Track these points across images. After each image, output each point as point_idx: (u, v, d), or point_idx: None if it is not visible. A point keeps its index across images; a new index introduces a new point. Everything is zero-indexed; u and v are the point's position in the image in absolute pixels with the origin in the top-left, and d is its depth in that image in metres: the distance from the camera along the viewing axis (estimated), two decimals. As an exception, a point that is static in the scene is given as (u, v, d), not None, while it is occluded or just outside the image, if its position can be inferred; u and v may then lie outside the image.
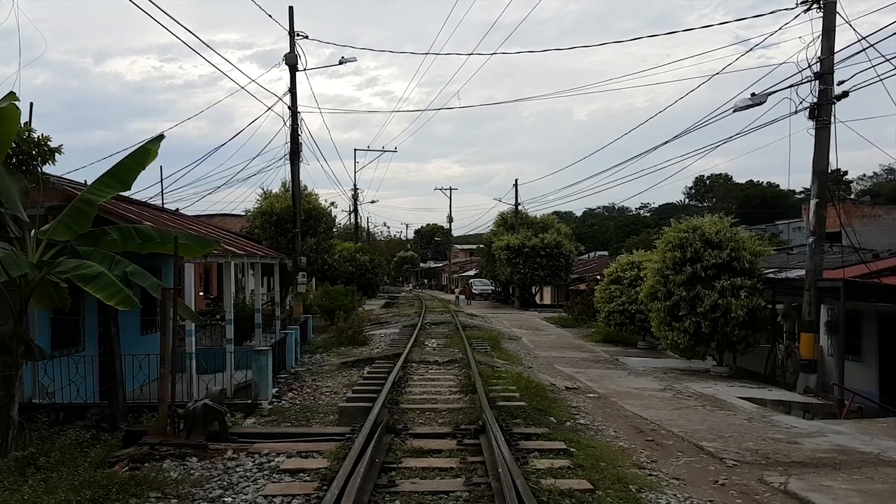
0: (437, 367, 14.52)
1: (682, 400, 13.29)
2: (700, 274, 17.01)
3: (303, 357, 18.18)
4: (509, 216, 52.59)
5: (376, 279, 44.21)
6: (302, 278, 25.28)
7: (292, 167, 25.06)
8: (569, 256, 47.21)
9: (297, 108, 24.97)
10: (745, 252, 17.07)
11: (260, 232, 30.01)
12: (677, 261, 17.38)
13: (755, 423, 11.30)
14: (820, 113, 16.02)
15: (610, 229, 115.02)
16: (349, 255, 38.78)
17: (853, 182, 78.92)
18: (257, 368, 12.44)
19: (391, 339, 21.40)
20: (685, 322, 17.00)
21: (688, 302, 17.04)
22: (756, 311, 16.83)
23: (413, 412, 10.01)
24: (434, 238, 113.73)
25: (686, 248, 17.31)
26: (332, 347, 19.55)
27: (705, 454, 8.95)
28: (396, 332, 24.13)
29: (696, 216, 18.69)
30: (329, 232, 31.92)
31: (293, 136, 24.88)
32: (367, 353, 17.97)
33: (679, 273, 17.24)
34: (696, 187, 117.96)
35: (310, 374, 14.98)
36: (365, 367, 15.09)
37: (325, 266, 31.09)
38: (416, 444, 7.90)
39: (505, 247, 46.19)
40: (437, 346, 19.04)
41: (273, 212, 29.75)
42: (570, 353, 21.63)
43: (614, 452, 8.65)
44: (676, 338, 17.29)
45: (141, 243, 10.12)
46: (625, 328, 23.43)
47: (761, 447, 9.36)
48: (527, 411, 10.05)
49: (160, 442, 7.95)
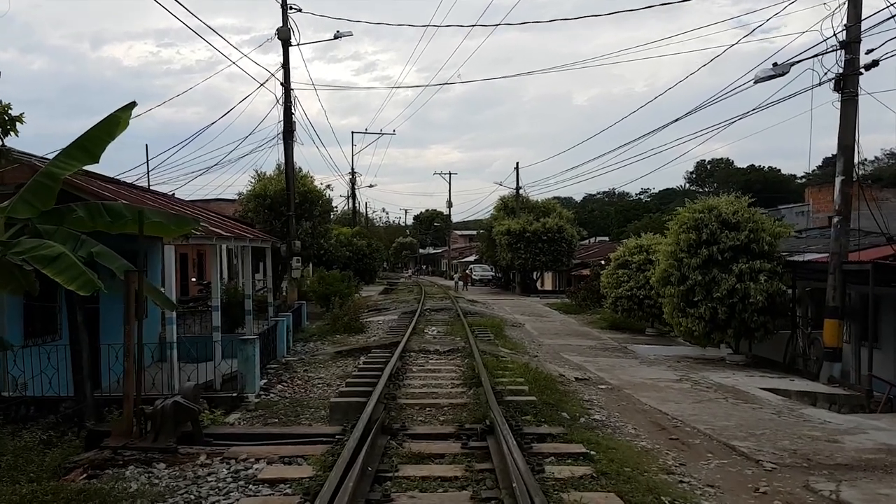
0: (438, 357, 13.55)
1: (701, 392, 12.35)
2: (716, 257, 16.02)
3: (296, 345, 17.22)
4: (510, 200, 51.50)
5: (374, 264, 43.13)
6: (296, 263, 24.30)
7: (286, 147, 24.01)
8: (571, 241, 46.22)
9: (290, 84, 23.87)
10: (764, 233, 16.08)
11: (253, 215, 28.96)
12: (692, 243, 16.38)
13: (785, 417, 10.36)
14: (846, 84, 14.99)
15: (610, 214, 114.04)
16: (346, 239, 37.72)
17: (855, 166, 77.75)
18: (243, 359, 11.48)
19: (389, 326, 20.45)
20: (700, 308, 16.03)
21: (703, 287, 16.07)
22: (775, 296, 15.86)
23: (412, 408, 9.05)
24: (433, 223, 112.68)
25: (701, 230, 16.31)
26: (327, 335, 18.60)
27: (738, 455, 8.00)
28: (395, 318, 23.18)
29: (703, 198, 17.62)
30: (325, 215, 30.84)
31: (286, 114, 23.83)
32: (364, 342, 17.01)
33: (694, 256, 16.25)
34: (696, 172, 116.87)
35: (302, 364, 14.02)
36: (361, 357, 14.14)
37: (321, 251, 30.07)
38: (415, 448, 6.93)
39: (506, 231, 45.16)
40: (438, 333, 18.08)
41: (267, 194, 28.68)
42: (576, 340, 20.69)
43: (638, 455, 7.70)
44: (691, 325, 16.33)
45: (111, 222, 9.14)
46: (633, 314, 22.47)
47: (799, 447, 8.42)
48: (537, 406, 9.10)
49: (123, 445, 6.98)
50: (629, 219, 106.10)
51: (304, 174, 30.51)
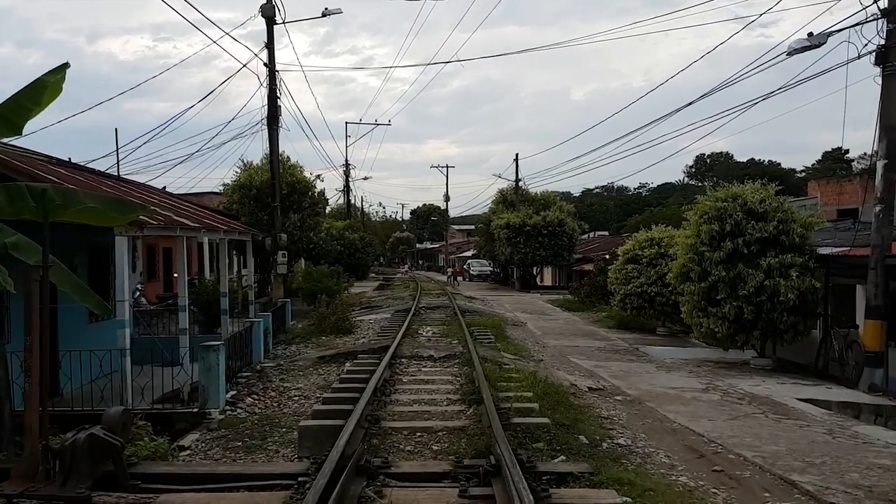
0: (433, 364, 11.93)
1: (734, 405, 10.78)
2: (742, 250, 14.44)
3: (276, 348, 15.62)
4: (509, 193, 49.88)
5: (367, 259, 41.35)
6: (282, 258, 22.65)
7: (270, 133, 22.32)
8: (572, 235, 44.64)
9: (274, 65, 22.18)
10: (794, 224, 14.49)
11: (239, 207, 27.31)
12: (715, 235, 14.79)
13: (840, 439, 8.80)
14: (888, 57, 13.40)
15: (610, 209, 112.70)
16: (337, 233, 35.99)
17: (854, 161, 76.73)
18: (205, 368, 9.87)
19: (381, 326, 18.84)
20: (724, 307, 14.45)
21: (727, 283, 14.49)
22: (807, 294, 14.29)
23: (398, 434, 7.45)
24: (430, 218, 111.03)
25: (725, 220, 14.72)
26: (312, 337, 16.98)
27: (803, 495, 6.43)
28: (388, 317, 21.59)
29: (725, 186, 16.01)
30: (315, 207, 29.17)
31: (271, 98, 22.12)
32: (352, 345, 15.41)
33: (717, 249, 14.66)
34: (696, 166, 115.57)
35: (279, 371, 12.40)
36: (346, 363, 12.56)
37: (311, 245, 28.42)
38: (401, 496, 5.34)
39: (505, 225, 43.55)
40: (433, 335, 16.49)
41: (252, 185, 27.02)
42: (582, 341, 19.12)
43: (679, 497, 6.12)
44: (713, 325, 14.75)
45: (35, 207, 7.52)
46: (643, 312, 20.89)
47: (873, 481, 6.86)
48: (550, 430, 7.52)
49: (22, 492, 5.39)
50: (629, 213, 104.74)
51: (292, 164, 28.86)
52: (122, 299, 10.46)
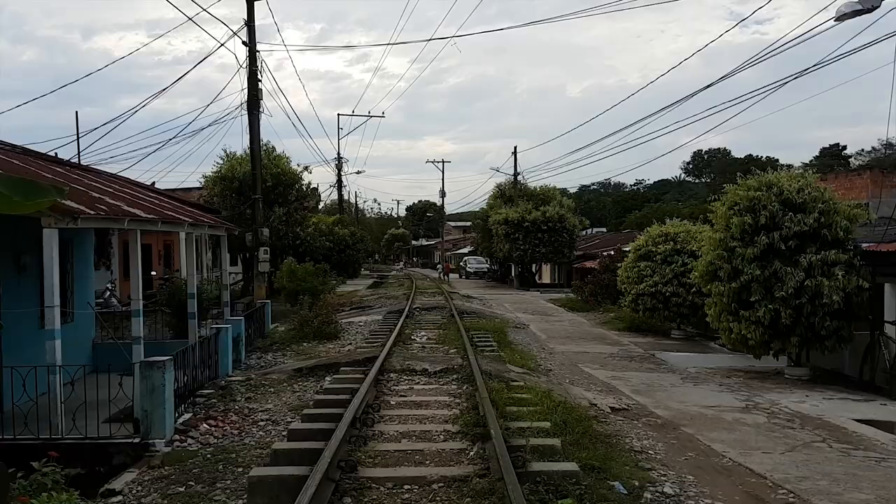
0: (427, 381, 10.13)
1: (786, 430, 9.04)
2: (778, 246, 12.71)
3: (249, 357, 13.83)
4: (507, 188, 48.09)
5: (358, 256, 39.36)
6: (264, 255, 20.86)
7: (250, 118, 20.51)
8: (572, 231, 42.88)
9: (255, 44, 20.36)
10: (838, 216, 12.76)
11: (220, 200, 25.55)
12: (746, 228, 13.05)
13: (933, 478, 7.08)
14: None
15: (607, 205, 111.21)
16: (327, 228, 34.11)
17: (851, 157, 75.57)
18: (147, 390, 8.08)
19: (370, 330, 17.09)
20: (759, 310, 12.72)
21: (762, 283, 12.76)
22: (852, 296, 12.58)
23: (379, 488, 5.67)
24: (426, 214, 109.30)
25: (758, 212, 12.98)
26: (293, 343, 15.20)
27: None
28: (379, 319, 19.83)
29: (758, 174, 14.24)
30: (302, 201, 27.39)
31: (251, 80, 20.32)
32: (335, 353, 13.64)
33: (750, 245, 12.92)
34: (693, 162, 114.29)
35: (248, 387, 10.59)
36: (327, 377, 10.80)
37: (297, 240, 26.61)
38: None
39: (503, 221, 41.76)
40: (428, 341, 14.73)
41: (235, 177, 25.28)
42: (592, 345, 17.39)
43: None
44: (745, 331, 13.02)
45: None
46: (657, 314, 19.16)
47: None
48: (579, 480, 5.77)
49: None
50: (627, 209, 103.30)
51: (278, 154, 27.08)
52: (52, 304, 8.64)
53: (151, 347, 12.76)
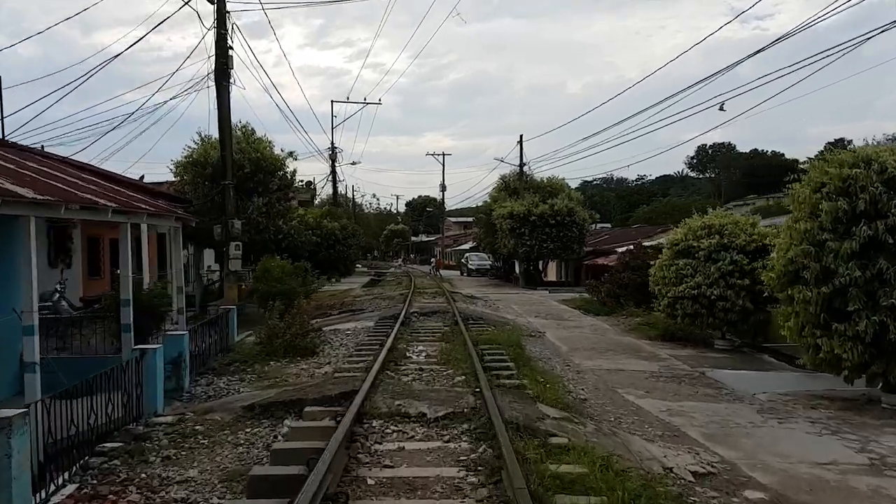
0: (425, 435, 6.96)
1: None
2: (884, 239, 9.73)
3: (197, 383, 10.80)
4: (512, 179, 45.02)
5: (349, 252, 36.10)
6: (235, 251, 17.86)
7: (219, 90, 17.50)
8: (582, 226, 39.85)
9: (225, 4, 17.32)
10: (961, 201, 9.76)
11: (191, 189, 22.52)
12: (840, 217, 10.05)
13: None
14: None
15: (611, 200, 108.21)
16: (314, 221, 30.94)
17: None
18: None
19: (358, 342, 14.10)
20: (859, 323, 9.73)
21: (862, 288, 9.77)
22: (981, 305, 9.59)
23: None
24: (426, 210, 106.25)
25: (856, 196, 9.99)
26: (257, 361, 12.19)
27: None
28: (370, 326, 16.85)
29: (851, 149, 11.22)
30: (286, 191, 24.33)
31: (219, 45, 17.28)
32: (306, 378, 10.65)
33: (845, 238, 9.93)
34: (697, 156, 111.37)
35: (172, 438, 7.52)
36: (286, 419, 7.81)
37: (279, 234, 23.56)
38: None
39: (508, 215, 38.70)
40: (427, 361, 11.72)
41: (208, 162, 22.21)
42: (625, 360, 14.40)
43: None
44: (838, 348, 10.02)
45: None
46: (699, 321, 16.13)
47: None
48: None
49: None
50: (633, 204, 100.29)
51: (258, 137, 24.03)
52: None
53: (87, 363, 10.36)
